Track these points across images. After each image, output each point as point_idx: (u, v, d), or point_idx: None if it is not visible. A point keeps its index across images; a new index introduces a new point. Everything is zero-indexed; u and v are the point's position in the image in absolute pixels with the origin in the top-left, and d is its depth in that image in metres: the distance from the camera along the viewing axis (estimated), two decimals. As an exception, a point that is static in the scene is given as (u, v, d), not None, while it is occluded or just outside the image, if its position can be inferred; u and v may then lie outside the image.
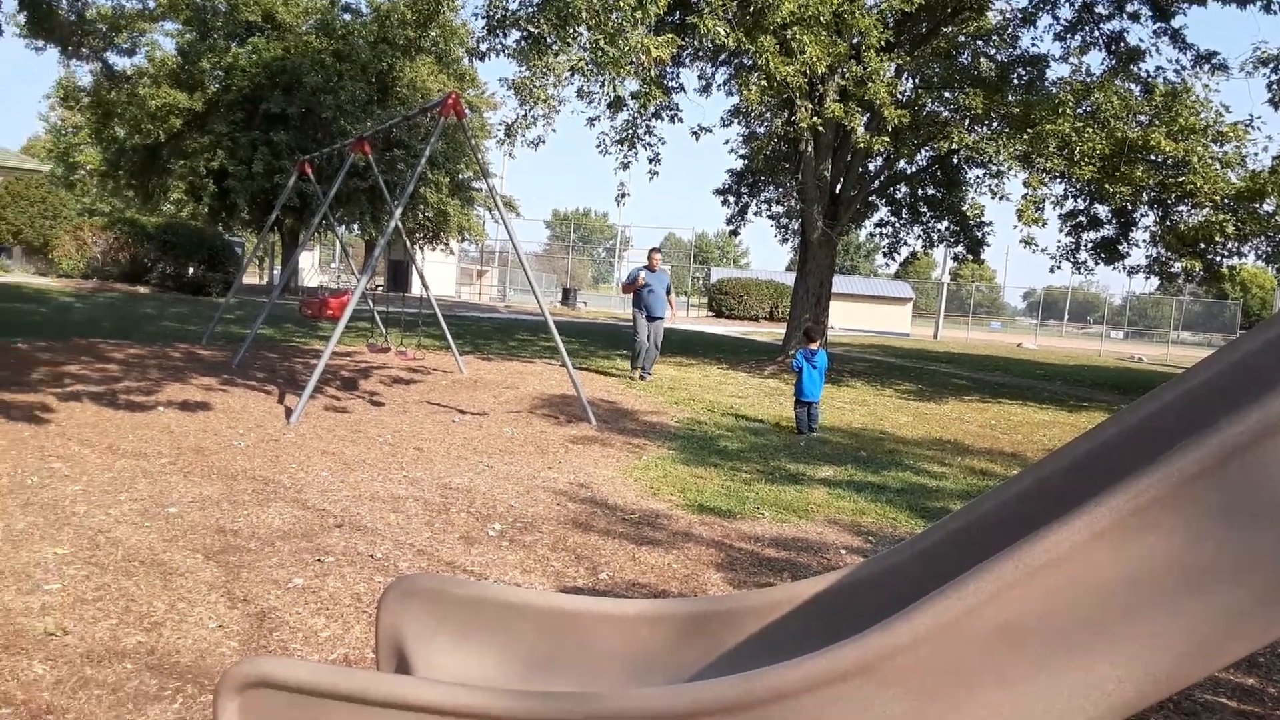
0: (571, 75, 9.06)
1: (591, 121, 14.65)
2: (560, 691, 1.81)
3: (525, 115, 10.37)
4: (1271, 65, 13.82)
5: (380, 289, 16.07)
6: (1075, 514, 1.27)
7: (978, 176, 15.93)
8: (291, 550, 3.97)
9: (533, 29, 9.27)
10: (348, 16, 27.23)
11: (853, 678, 1.35)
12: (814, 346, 8.81)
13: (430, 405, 8.44)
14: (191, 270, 25.38)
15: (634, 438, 7.56)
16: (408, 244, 13.06)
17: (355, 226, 30.43)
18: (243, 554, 3.87)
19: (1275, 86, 13.86)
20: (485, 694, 1.62)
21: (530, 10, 10.03)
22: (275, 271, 36.24)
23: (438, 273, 37.48)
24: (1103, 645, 1.25)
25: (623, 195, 16.73)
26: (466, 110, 8.11)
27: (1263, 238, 13.27)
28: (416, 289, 11.75)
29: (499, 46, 11.52)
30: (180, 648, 2.95)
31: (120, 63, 21.04)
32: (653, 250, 12.25)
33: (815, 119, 12.57)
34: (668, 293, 11.85)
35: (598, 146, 15.44)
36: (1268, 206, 12.62)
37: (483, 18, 12.10)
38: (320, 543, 4.11)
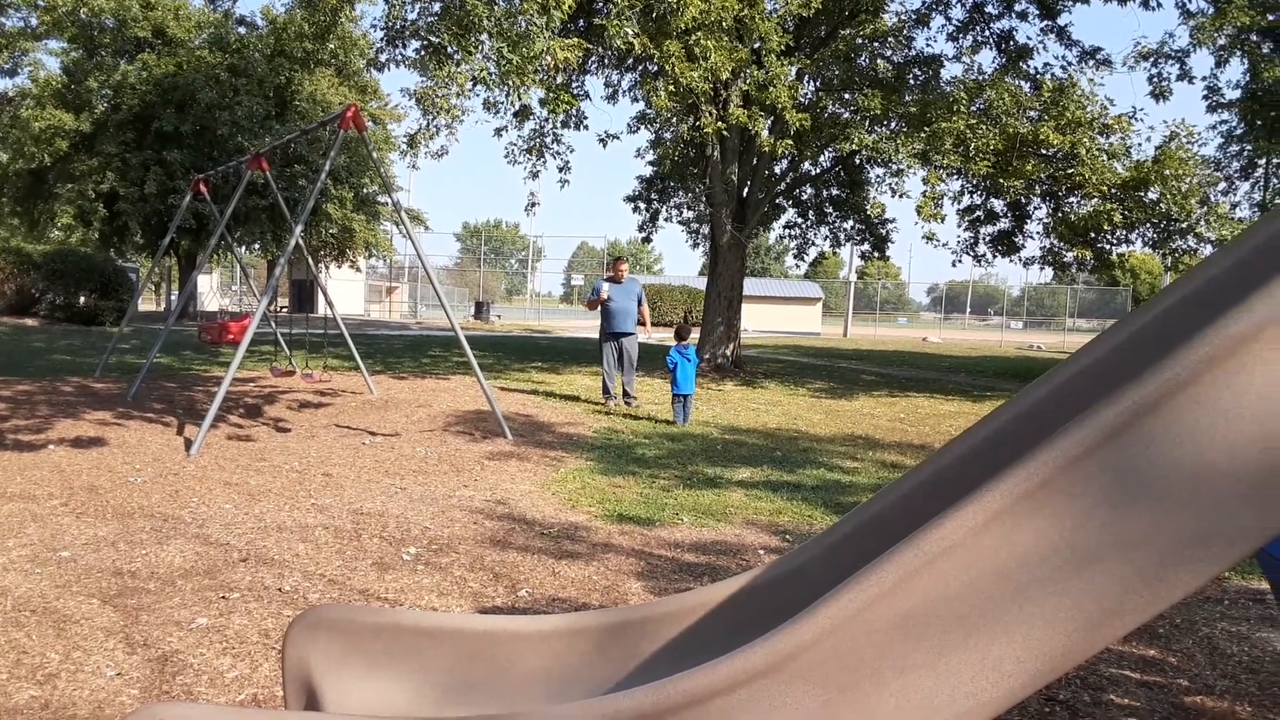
0: (474, 85, 8.97)
1: (499, 132, 14.56)
2: (475, 716, 1.77)
3: (428, 126, 10.23)
4: (1151, 60, 14.58)
5: (284, 310, 15.63)
6: (968, 501, 1.29)
7: (879, 176, 16.37)
8: (194, 589, 3.81)
9: (433, 38, 9.16)
10: (242, 30, 26.48)
11: (763, 678, 1.34)
12: (685, 343, 9.37)
13: (339, 428, 8.24)
14: (82, 299, 24.26)
15: (551, 450, 7.51)
16: (311, 262, 12.73)
17: (256, 246, 29.55)
18: (141, 596, 3.70)
19: (1156, 80, 14.63)
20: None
21: (430, 20, 9.92)
22: (172, 297, 34.98)
23: (345, 291, 36.68)
24: (999, 628, 1.27)
25: (533, 205, 16.70)
26: (368, 122, 7.96)
27: (1148, 225, 13.94)
28: (323, 309, 11.40)
29: (399, 57, 11.36)
30: (77, 699, 2.80)
31: (1, 84, 20.04)
32: (617, 259, 10.72)
33: (720, 124, 12.72)
34: (639, 304, 10.38)
35: (506, 157, 15.36)
36: (1152, 195, 13.27)
37: (382, 28, 11.95)
38: (224, 579, 3.95)
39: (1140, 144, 13.21)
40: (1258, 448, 1.26)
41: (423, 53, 10.24)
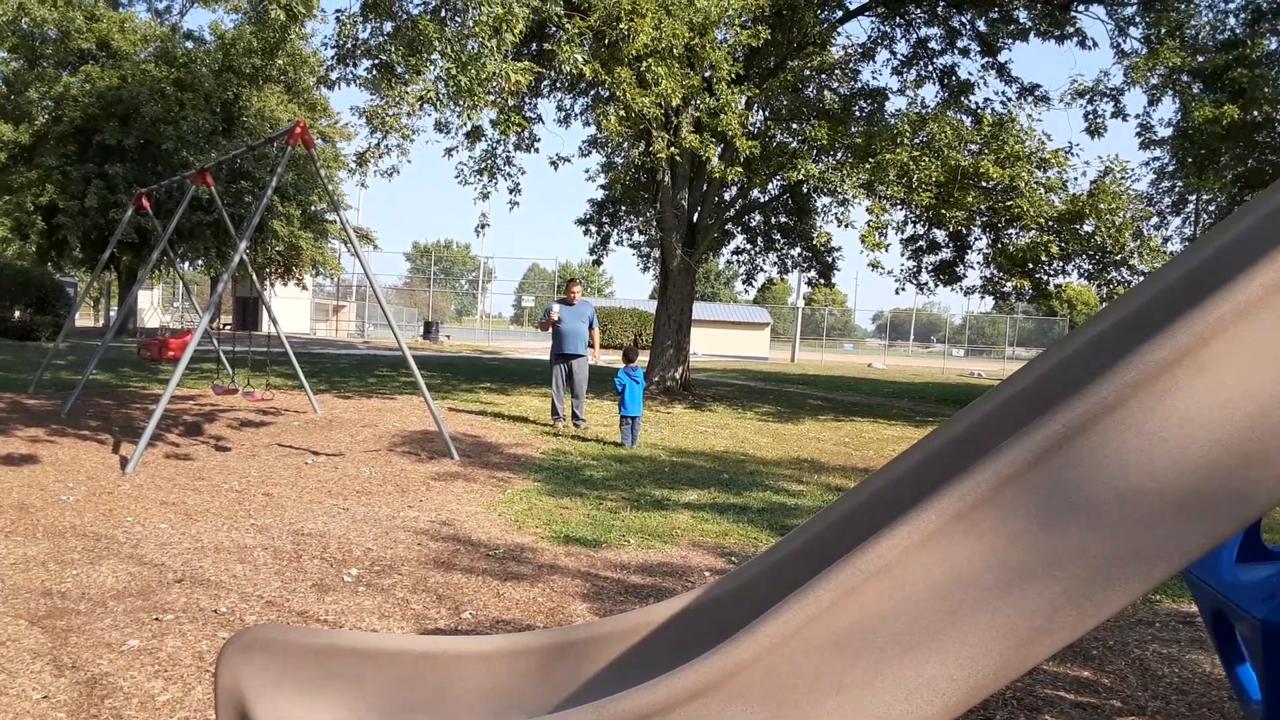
0: (422, 105, 8.95)
1: (449, 152, 14.52)
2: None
3: (378, 144, 10.17)
4: (1087, 97, 15.10)
5: (226, 327, 15.34)
6: (903, 520, 1.32)
7: (825, 205, 16.64)
8: (126, 610, 3.70)
9: (383, 57, 9.13)
10: (190, 45, 26.08)
11: (702, 696, 1.35)
12: (633, 365, 9.45)
13: (282, 448, 8.09)
14: (18, 313, 23.55)
15: (498, 471, 7.46)
16: (256, 280, 12.52)
17: (200, 262, 28.99)
18: (71, 617, 3.59)
19: (1091, 116, 15.14)
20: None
21: (380, 40, 9.89)
22: (111, 312, 34.11)
23: (291, 309, 36.10)
24: (933, 646, 1.30)
25: (483, 226, 16.69)
26: (316, 140, 7.88)
27: (1084, 257, 14.36)
28: (267, 326, 11.21)
29: (349, 75, 11.29)
30: (-4, 723, 2.70)
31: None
32: (570, 281, 10.80)
33: (672, 149, 12.84)
34: (590, 327, 10.40)
35: (457, 177, 15.33)
36: (1087, 228, 13.68)
37: (333, 47, 11.87)
38: (158, 600, 3.85)
39: (1076, 178, 13.76)
40: (1180, 470, 1.30)
41: (374, 72, 10.20)
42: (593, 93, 15.42)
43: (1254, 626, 2.34)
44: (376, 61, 9.87)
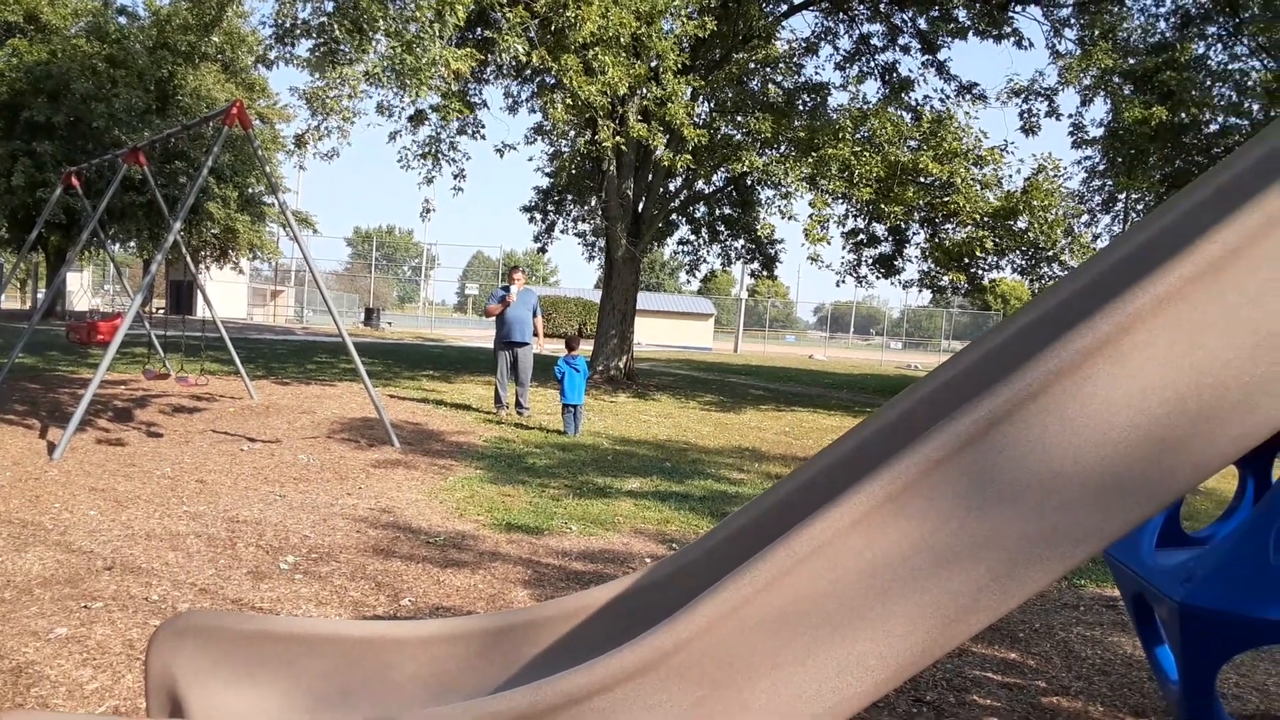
0: (368, 84, 8.79)
1: (393, 136, 14.30)
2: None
3: (318, 126, 9.97)
4: (1022, 96, 15.44)
5: (159, 311, 14.94)
6: (835, 504, 1.35)
7: (769, 197, 16.78)
8: (53, 598, 3.61)
9: (325, 35, 8.94)
10: (123, 20, 25.22)
11: (640, 676, 1.37)
12: (574, 354, 9.46)
13: (216, 434, 7.92)
14: (-63, 295, 22.64)
15: (440, 459, 7.40)
16: (190, 262, 12.20)
17: (132, 244, 28.16)
18: (-7, 605, 3.48)
19: (1026, 115, 15.49)
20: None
21: (322, 20, 9.68)
22: (39, 295, 32.97)
23: (227, 293, 35.25)
24: (863, 625, 1.34)
25: (427, 211, 16.41)
26: (254, 120, 7.71)
27: (1017, 253, 14.71)
28: (202, 310, 10.94)
29: (289, 55, 11.04)
30: (-88, 715, 2.61)
31: None
32: (513, 269, 10.69)
33: (618, 138, 12.82)
34: (534, 315, 10.38)
35: (400, 161, 15.09)
36: (1021, 224, 14.01)
37: (272, 26, 11.60)
38: (87, 588, 3.76)
39: (1011, 175, 14.10)
40: (1100, 455, 1.36)
41: (314, 52, 9.99)
42: (539, 80, 15.32)
43: (1172, 609, 2.44)
44: (318, 41, 9.66)
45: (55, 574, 3.90)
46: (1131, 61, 14.98)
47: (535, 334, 10.39)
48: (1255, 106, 15.26)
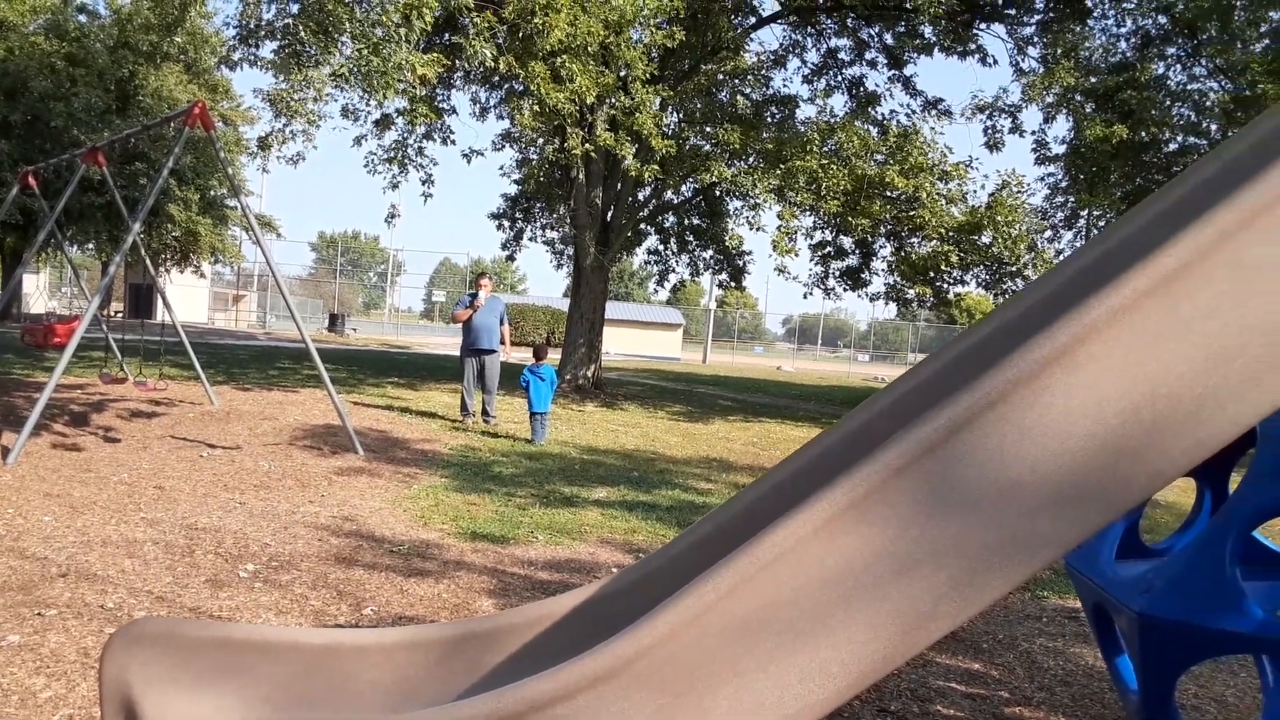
0: (334, 87, 8.73)
1: (359, 140, 14.22)
2: (307, 729, 1.72)
3: (282, 129, 9.88)
4: (987, 113, 15.68)
5: (118, 315, 14.69)
6: (798, 511, 1.36)
7: (737, 208, 16.88)
8: (6, 605, 3.53)
9: (291, 36, 8.87)
10: (83, 18, 24.85)
11: (602, 683, 1.37)
12: (540, 363, 9.49)
13: (175, 440, 7.80)
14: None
15: (404, 467, 7.34)
16: (150, 265, 12.01)
17: (90, 246, 27.70)
18: (-60, 613, 3.40)
19: (990, 131, 15.73)
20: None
21: (286, 21, 9.60)
22: (-8, 296, 32.27)
23: (188, 297, 34.78)
24: (825, 632, 1.35)
25: (393, 217, 16.31)
26: (217, 122, 7.62)
27: (981, 267, 14.93)
28: (161, 314, 10.77)
29: (253, 57, 10.95)
30: None
31: None
32: (480, 275, 10.69)
33: (587, 146, 12.83)
34: (501, 323, 10.33)
35: (366, 166, 14.99)
36: (985, 239, 14.21)
37: (235, 26, 11.49)
38: (41, 595, 3.68)
39: (975, 191, 14.24)
40: (1057, 463, 1.38)
41: (279, 53, 9.90)
42: (507, 86, 15.30)
43: (1131, 620, 2.48)
44: (282, 43, 9.57)
45: (8, 580, 3.82)
46: (1093, 80, 15.28)
47: (502, 342, 10.35)
48: (1213, 126, 15.63)
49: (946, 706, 3.27)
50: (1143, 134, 14.97)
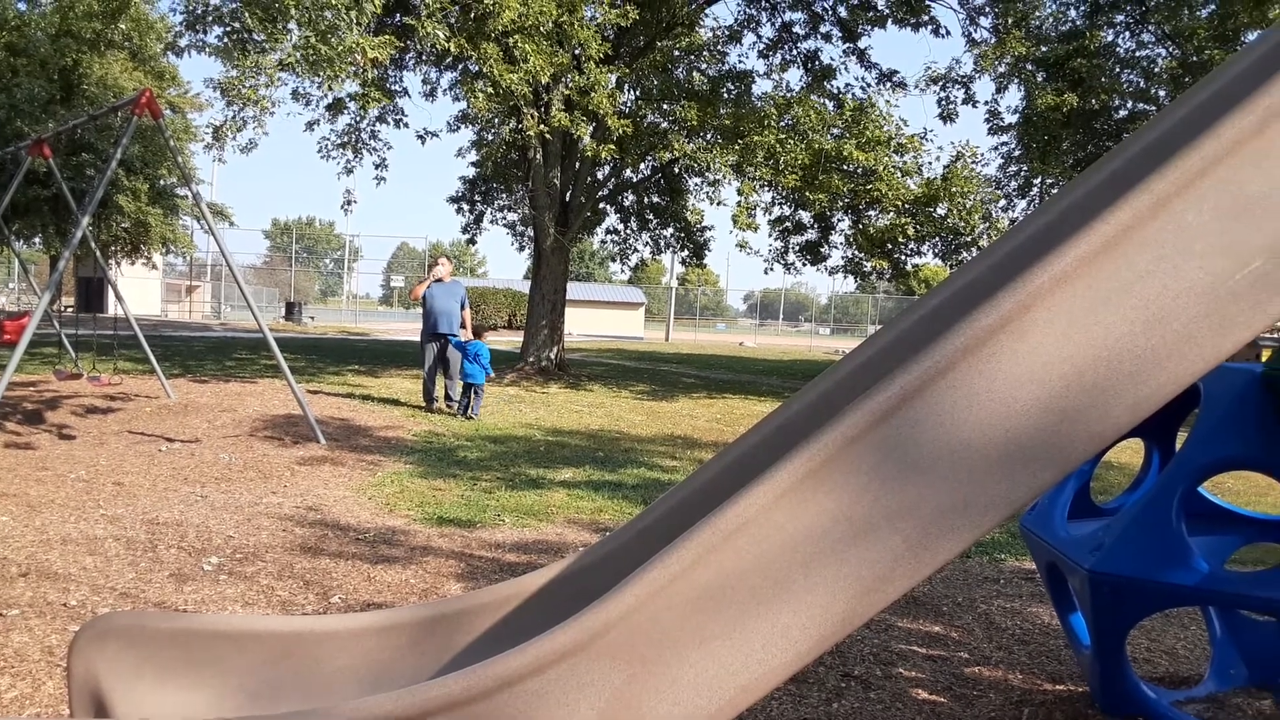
0: (282, 73, 8.58)
1: (311, 125, 14.00)
2: (280, 713, 1.73)
3: (234, 118, 9.71)
4: (940, 84, 15.79)
5: (68, 309, 14.38)
6: (760, 480, 1.39)
7: (697, 184, 16.88)
8: (-37, 607, 3.48)
9: (237, 24, 8.70)
10: (23, 6, 24.09)
11: (571, 656, 1.40)
12: (474, 339, 9.87)
13: (132, 435, 7.69)
14: None
15: (368, 454, 7.30)
16: (100, 258, 11.76)
17: (37, 240, 27.04)
18: (-102, 617, 3.34)
19: (944, 103, 15.86)
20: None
21: (233, 6, 9.40)
22: (-64, 294, 31.49)
23: (140, 289, 34.08)
24: (787, 597, 1.38)
25: (349, 203, 16.13)
26: (165, 110, 7.47)
27: (937, 239, 15.09)
28: (114, 308, 10.57)
29: (199, 43, 10.71)
30: None
31: None
32: (440, 257, 10.71)
33: (542, 127, 12.74)
34: (461, 307, 10.29)
35: (319, 151, 14.78)
36: (940, 210, 14.37)
37: (181, 13, 11.23)
38: (1, 595, 3.63)
39: (930, 163, 14.46)
40: (1005, 427, 1.42)
41: (226, 40, 9.70)
42: (460, 67, 15.13)
43: (1083, 577, 2.56)
44: (229, 29, 9.38)
45: (-35, 583, 3.76)
46: (1044, 49, 15.45)
47: (463, 326, 10.33)
48: (1161, 93, 15.89)
49: (909, 669, 3.35)
50: (1093, 102, 15.19)
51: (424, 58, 14.97)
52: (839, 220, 16.24)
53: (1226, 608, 3.03)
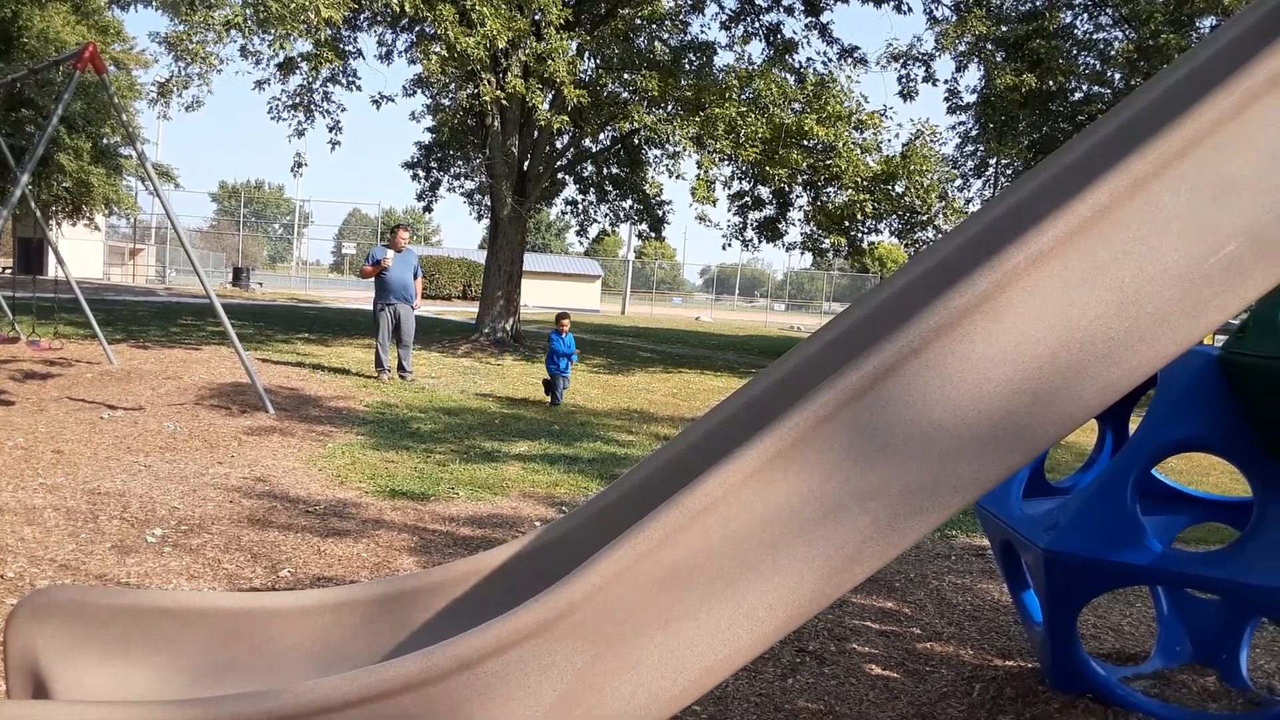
0: (229, 31, 8.30)
1: (260, 85, 13.62)
2: (228, 695, 1.67)
3: (180, 74, 9.39)
4: (901, 61, 15.83)
5: (6, 272, 13.92)
6: (728, 460, 1.36)
7: (657, 156, 16.76)
8: (-109, 579, 3.34)
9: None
10: (-45, -47, 23.06)
11: (534, 637, 1.36)
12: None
13: (73, 401, 7.46)
14: None
15: (318, 425, 7.18)
16: (40, 219, 11.36)
17: (-27, 199, 26.06)
18: None
19: (904, 80, 15.91)
20: (136, 709, 1.46)
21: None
22: None
23: (81, 252, 33.07)
24: (754, 578, 1.36)
25: (300, 165, 15.75)
26: (109, 66, 7.20)
27: (894, 216, 15.19)
28: (54, 270, 10.23)
29: (145, -3, 10.34)
30: None
31: None
32: (397, 227, 10.44)
33: (499, 93, 12.53)
34: (416, 276, 10.20)
35: (269, 112, 14.41)
36: (898, 188, 14.44)
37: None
38: (-69, 566, 3.50)
39: (890, 140, 14.41)
40: (976, 408, 1.41)
41: (175, -7, 9.38)
42: (416, 29, 14.81)
43: (1037, 556, 2.58)
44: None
45: (-106, 554, 3.62)
46: (1004, 29, 15.53)
47: (416, 296, 10.19)
48: (1117, 76, 16.10)
49: (862, 644, 3.38)
50: (1050, 83, 15.34)
51: (379, 18, 14.63)
52: (798, 197, 16.27)
53: (1178, 587, 3.09)
